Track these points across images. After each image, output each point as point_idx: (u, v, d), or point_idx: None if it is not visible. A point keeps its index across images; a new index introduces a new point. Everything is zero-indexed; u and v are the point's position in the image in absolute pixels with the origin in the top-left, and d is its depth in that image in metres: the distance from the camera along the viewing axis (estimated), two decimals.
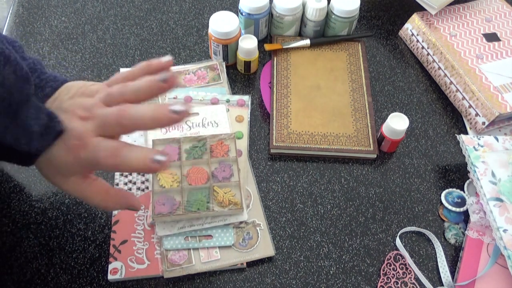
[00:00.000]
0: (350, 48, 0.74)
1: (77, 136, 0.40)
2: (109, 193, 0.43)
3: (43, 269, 0.54)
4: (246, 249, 0.55)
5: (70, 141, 0.40)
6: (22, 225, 0.56)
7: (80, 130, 0.40)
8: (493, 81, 0.67)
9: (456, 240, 0.58)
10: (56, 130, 0.40)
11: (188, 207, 0.56)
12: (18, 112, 0.38)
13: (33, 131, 0.39)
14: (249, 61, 0.69)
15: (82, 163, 0.40)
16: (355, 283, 0.55)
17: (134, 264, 0.53)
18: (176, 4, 0.80)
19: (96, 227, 0.57)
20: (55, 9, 0.78)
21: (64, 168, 0.41)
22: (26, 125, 0.38)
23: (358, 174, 0.63)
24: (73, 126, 0.40)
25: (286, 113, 0.66)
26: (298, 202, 0.60)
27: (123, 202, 0.44)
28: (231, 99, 0.66)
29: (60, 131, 0.40)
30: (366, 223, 0.59)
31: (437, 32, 0.73)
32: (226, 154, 0.60)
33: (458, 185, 0.62)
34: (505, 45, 0.72)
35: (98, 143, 0.40)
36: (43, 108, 0.40)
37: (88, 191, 0.43)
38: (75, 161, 0.40)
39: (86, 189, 0.42)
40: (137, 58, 0.72)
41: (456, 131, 0.68)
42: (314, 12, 0.71)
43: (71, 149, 0.40)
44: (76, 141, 0.40)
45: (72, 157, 0.40)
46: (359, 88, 0.69)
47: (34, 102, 0.40)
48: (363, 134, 0.64)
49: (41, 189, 0.59)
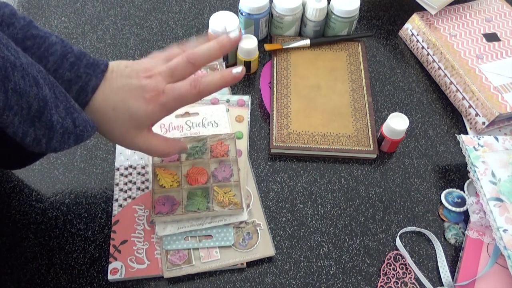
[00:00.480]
0: (350, 48, 0.74)
1: (151, 89, 0.47)
2: (168, 141, 0.53)
3: (43, 269, 0.54)
4: (246, 249, 0.55)
5: (146, 95, 0.47)
6: (22, 225, 0.56)
7: (152, 84, 0.47)
8: (493, 81, 0.67)
9: (456, 240, 0.58)
10: (78, 137, 0.44)
11: (188, 207, 0.56)
12: (41, 116, 0.42)
13: (55, 133, 0.43)
14: (249, 61, 0.69)
15: (162, 108, 0.48)
16: (355, 283, 0.55)
17: (134, 264, 0.53)
18: (176, 4, 0.80)
19: (96, 227, 0.57)
20: (55, 9, 0.78)
21: (145, 119, 0.48)
22: (50, 127, 0.42)
23: (358, 174, 0.63)
24: (143, 84, 0.47)
25: (286, 113, 0.66)
26: (298, 202, 0.60)
27: (179, 146, 0.54)
28: (231, 99, 0.66)
29: (81, 139, 0.45)
30: (366, 223, 0.59)
31: (437, 32, 0.73)
32: (226, 154, 0.60)
33: (458, 185, 0.62)
34: (505, 45, 0.72)
35: (173, 86, 0.47)
36: (73, 113, 0.44)
37: (154, 142, 0.50)
38: (156, 108, 0.47)
39: (152, 140, 0.50)
40: (137, 58, 0.72)
41: (456, 131, 0.68)
42: (314, 12, 0.71)
43: (149, 100, 0.47)
44: (152, 93, 0.47)
45: (153, 106, 0.47)
46: (359, 88, 0.69)
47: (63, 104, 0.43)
48: (363, 134, 0.64)
49: (41, 189, 0.59)
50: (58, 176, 0.60)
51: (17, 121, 0.40)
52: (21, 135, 0.41)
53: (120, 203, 0.57)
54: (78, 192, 0.59)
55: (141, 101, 0.47)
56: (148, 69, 0.48)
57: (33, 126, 0.42)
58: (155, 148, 0.51)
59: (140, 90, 0.47)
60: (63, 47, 0.46)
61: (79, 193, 0.59)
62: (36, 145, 0.43)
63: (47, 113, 0.42)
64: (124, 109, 0.47)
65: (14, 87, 0.39)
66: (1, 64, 0.38)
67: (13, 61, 0.39)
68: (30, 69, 0.41)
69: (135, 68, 0.48)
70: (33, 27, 0.46)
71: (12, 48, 0.40)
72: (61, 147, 0.44)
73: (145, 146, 0.50)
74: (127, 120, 0.47)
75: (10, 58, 0.39)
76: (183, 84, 0.48)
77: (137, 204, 0.58)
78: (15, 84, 0.39)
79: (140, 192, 0.58)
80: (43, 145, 0.43)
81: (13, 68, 0.39)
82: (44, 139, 0.43)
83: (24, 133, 0.41)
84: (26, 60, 0.41)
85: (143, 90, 0.47)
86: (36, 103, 0.41)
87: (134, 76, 0.47)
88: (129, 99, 0.47)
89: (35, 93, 0.41)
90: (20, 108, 0.40)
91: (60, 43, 0.47)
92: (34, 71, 0.41)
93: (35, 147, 0.43)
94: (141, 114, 0.47)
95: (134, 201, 0.58)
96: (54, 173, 0.60)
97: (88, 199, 0.59)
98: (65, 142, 0.44)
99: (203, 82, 0.48)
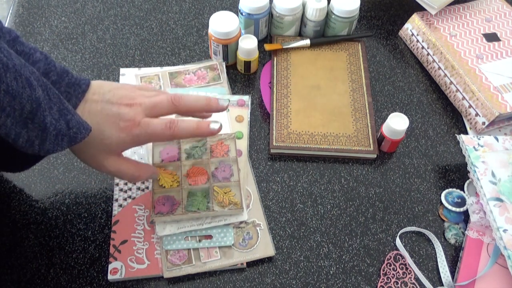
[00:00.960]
0: (350, 48, 0.74)
1: (127, 118, 0.47)
2: (138, 165, 0.52)
3: (43, 269, 0.54)
4: (246, 249, 0.55)
5: (121, 123, 0.47)
6: (22, 225, 0.56)
7: (130, 113, 0.48)
8: (493, 81, 0.67)
9: (456, 240, 0.58)
10: (72, 139, 0.45)
11: (188, 207, 0.56)
12: (34, 117, 0.42)
13: (48, 134, 0.43)
14: (249, 61, 0.69)
15: (134, 139, 0.48)
16: (355, 283, 0.55)
17: (134, 264, 0.53)
18: (176, 4, 0.80)
19: (96, 227, 0.57)
20: (55, 9, 0.78)
21: (115, 146, 0.48)
22: (43, 128, 0.42)
23: (358, 174, 0.63)
24: (122, 112, 0.47)
25: (286, 113, 0.66)
26: (298, 202, 0.60)
27: (150, 171, 0.53)
28: (231, 99, 0.66)
29: (75, 141, 0.45)
30: (366, 223, 0.59)
31: (437, 32, 0.73)
32: (226, 154, 0.60)
33: (458, 185, 0.62)
34: (505, 45, 0.72)
35: (149, 121, 0.48)
36: (66, 114, 0.44)
37: (123, 166, 0.51)
38: (128, 138, 0.48)
39: (122, 164, 0.50)
40: (137, 58, 0.72)
41: (456, 131, 0.68)
42: (314, 12, 0.71)
43: (123, 128, 0.47)
44: (128, 122, 0.47)
45: (125, 135, 0.48)
46: (359, 88, 0.69)
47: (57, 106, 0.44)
48: (363, 134, 0.64)
49: (41, 189, 0.59)
50: (58, 176, 0.60)
51: (10, 123, 0.40)
52: (14, 137, 0.41)
53: (120, 203, 0.57)
54: (78, 192, 0.59)
55: (114, 128, 0.47)
56: (131, 97, 0.49)
57: (26, 127, 0.42)
58: (125, 171, 0.51)
59: (117, 117, 0.47)
60: (46, 64, 0.47)
61: (79, 193, 0.59)
62: (29, 146, 0.43)
63: (40, 114, 0.42)
64: (98, 132, 0.47)
65: (6, 89, 0.39)
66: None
67: (6, 62, 0.39)
68: (23, 70, 0.41)
69: (117, 94, 0.49)
70: (18, 42, 0.47)
71: (4, 50, 0.40)
72: (55, 149, 0.44)
73: (114, 169, 0.50)
74: (98, 143, 0.48)
75: (3, 60, 0.39)
76: (160, 122, 0.49)
77: (137, 204, 0.58)
78: (7, 85, 0.39)
79: (140, 192, 0.58)
80: (36, 147, 0.43)
81: (5, 69, 0.39)
82: (37, 140, 0.43)
83: (16, 134, 0.41)
84: (19, 62, 0.41)
85: (120, 118, 0.47)
86: (29, 104, 0.41)
87: (115, 102, 0.48)
88: (104, 123, 0.47)
89: (28, 95, 0.41)
90: (12, 110, 0.40)
91: (44, 60, 0.47)
92: (27, 72, 0.41)
93: (28, 149, 0.43)
94: (112, 140, 0.48)
95: (134, 201, 0.58)
96: (54, 173, 0.60)
97: (88, 199, 0.59)
98: (58, 144, 0.44)
99: (179, 126, 0.49)
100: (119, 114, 0.47)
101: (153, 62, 0.72)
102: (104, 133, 0.47)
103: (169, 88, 0.67)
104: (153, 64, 0.72)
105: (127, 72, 0.70)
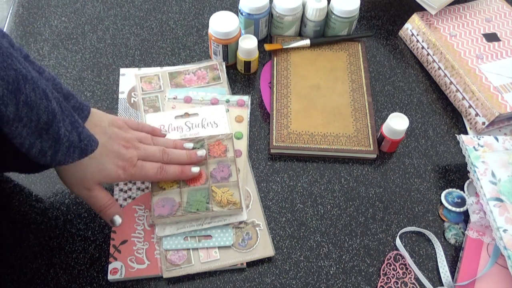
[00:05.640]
0: (350, 48, 0.74)
1: (126, 158, 0.52)
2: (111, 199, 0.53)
3: (43, 269, 0.54)
4: (245, 249, 0.55)
5: (120, 162, 0.51)
6: (22, 225, 0.56)
7: (128, 155, 0.52)
8: (493, 81, 0.67)
9: (456, 240, 0.58)
10: (83, 151, 0.47)
11: (188, 208, 0.56)
12: (49, 128, 0.43)
13: (61, 146, 0.44)
14: (249, 61, 0.69)
15: (128, 177, 0.52)
16: (355, 283, 0.55)
17: (134, 264, 0.53)
18: (176, 4, 0.80)
19: (96, 227, 0.57)
20: (55, 9, 0.78)
21: (110, 178, 0.51)
22: (57, 139, 0.44)
23: (358, 174, 0.63)
24: (122, 152, 0.51)
25: (286, 113, 0.66)
26: (298, 202, 0.60)
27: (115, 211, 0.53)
28: (231, 99, 0.66)
29: (86, 153, 0.47)
30: (366, 223, 0.59)
31: (437, 32, 0.73)
32: (224, 154, 0.60)
33: (458, 185, 0.62)
34: (505, 45, 0.72)
35: (143, 165, 0.53)
36: (78, 127, 0.46)
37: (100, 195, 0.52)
38: (124, 175, 0.52)
39: (100, 193, 0.52)
40: (137, 58, 0.72)
41: (456, 131, 0.68)
42: (314, 12, 0.71)
43: (122, 167, 0.51)
44: (126, 162, 0.52)
45: (122, 172, 0.51)
46: (359, 88, 0.69)
47: (69, 118, 0.45)
48: (363, 134, 0.64)
49: (41, 189, 0.59)
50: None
51: (25, 133, 0.41)
52: (28, 147, 0.42)
53: (120, 203, 0.57)
54: None
55: (114, 164, 0.51)
56: (128, 140, 0.53)
57: (40, 137, 0.42)
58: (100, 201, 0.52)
59: (117, 155, 0.51)
60: (54, 85, 0.48)
61: None
62: (42, 157, 0.44)
63: (55, 125, 0.43)
64: (99, 163, 0.50)
65: (25, 100, 0.40)
66: (13, 77, 0.39)
67: (25, 74, 0.40)
68: (39, 82, 0.42)
69: (116, 133, 0.52)
70: (29, 61, 0.47)
71: (22, 62, 0.41)
72: (66, 160, 0.46)
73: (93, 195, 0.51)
74: (95, 171, 0.50)
75: (22, 71, 0.40)
76: (152, 167, 0.54)
77: (137, 204, 0.58)
78: (26, 96, 0.40)
79: (140, 192, 0.58)
80: (48, 157, 0.44)
81: (24, 81, 0.40)
82: (50, 151, 0.44)
83: (30, 144, 0.42)
84: (36, 74, 0.42)
85: (120, 157, 0.51)
86: (45, 115, 0.42)
87: (115, 139, 0.52)
88: (106, 157, 0.50)
89: (45, 106, 0.42)
90: (29, 120, 0.41)
91: (52, 80, 0.48)
92: (43, 85, 0.42)
93: (41, 159, 0.44)
94: (110, 173, 0.51)
95: (134, 201, 0.58)
96: (54, 173, 0.60)
97: None
98: (70, 155, 0.45)
99: (167, 171, 0.55)
100: (120, 153, 0.51)
101: (153, 62, 0.72)
102: (105, 165, 0.50)
103: (169, 88, 0.67)
104: (153, 64, 0.72)
105: (127, 72, 0.70)
